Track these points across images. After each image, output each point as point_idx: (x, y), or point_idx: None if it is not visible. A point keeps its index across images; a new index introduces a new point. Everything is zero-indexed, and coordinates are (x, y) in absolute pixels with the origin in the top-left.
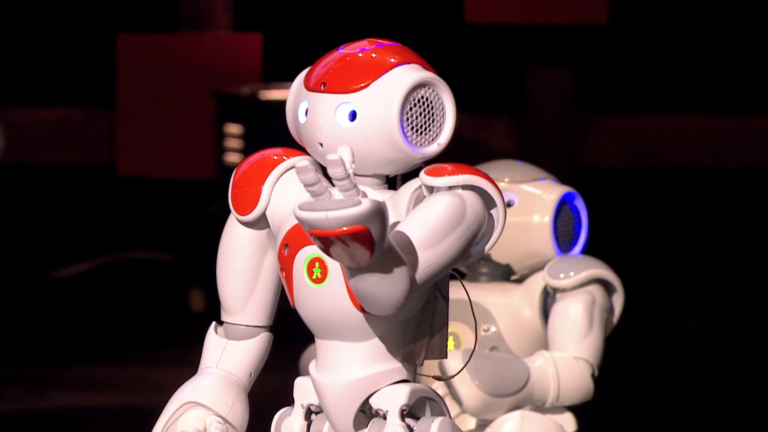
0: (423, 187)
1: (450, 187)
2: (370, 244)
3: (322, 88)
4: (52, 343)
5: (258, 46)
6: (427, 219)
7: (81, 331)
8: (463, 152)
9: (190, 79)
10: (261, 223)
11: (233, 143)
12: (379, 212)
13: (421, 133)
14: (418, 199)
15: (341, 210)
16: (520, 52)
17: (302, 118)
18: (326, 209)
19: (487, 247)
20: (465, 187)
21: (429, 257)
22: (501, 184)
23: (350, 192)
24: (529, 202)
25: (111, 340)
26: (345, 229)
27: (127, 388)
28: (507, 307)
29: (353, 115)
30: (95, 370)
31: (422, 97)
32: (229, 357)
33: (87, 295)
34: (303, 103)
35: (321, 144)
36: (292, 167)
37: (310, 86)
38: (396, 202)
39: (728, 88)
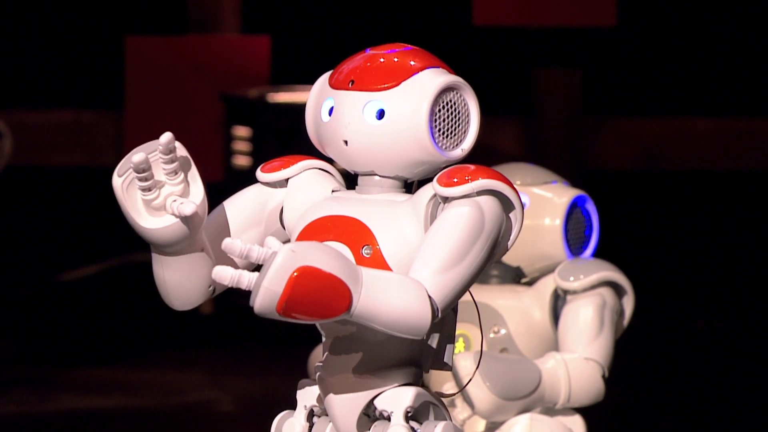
0: (438, 196)
1: (465, 195)
2: (323, 278)
3: (350, 85)
4: (60, 345)
5: (266, 49)
6: (447, 238)
7: (89, 333)
8: (470, 154)
9: (198, 82)
10: (278, 190)
11: (241, 146)
12: (305, 248)
13: (447, 136)
14: (435, 206)
15: (269, 270)
16: (528, 54)
17: (326, 117)
18: (261, 281)
19: (509, 244)
20: (480, 192)
21: (455, 276)
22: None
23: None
24: (540, 205)
25: (119, 343)
26: (294, 274)
27: (135, 390)
28: (517, 310)
29: (381, 114)
30: (103, 372)
31: (450, 101)
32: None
33: (95, 298)
34: (327, 101)
35: (346, 141)
36: (317, 167)
37: (336, 84)
38: (414, 205)
39: (736, 91)
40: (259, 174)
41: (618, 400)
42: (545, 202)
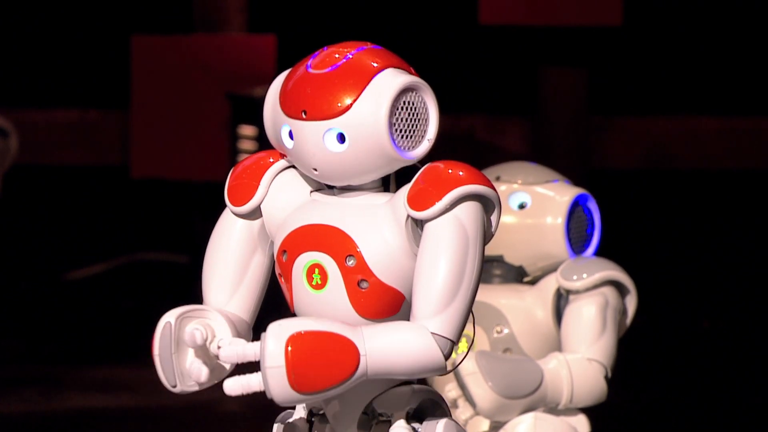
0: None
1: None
2: (320, 336)
3: (304, 116)
4: (66, 344)
5: (272, 48)
6: (439, 270)
7: (95, 332)
8: (476, 154)
9: (203, 81)
10: (255, 216)
11: (247, 145)
12: (291, 320)
13: (409, 136)
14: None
15: (265, 350)
16: (534, 53)
17: (288, 143)
18: (263, 366)
19: (494, 231)
20: (453, 202)
21: (459, 303)
22: (514, 186)
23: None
24: (542, 204)
25: (125, 342)
26: (288, 343)
27: (141, 389)
28: (520, 309)
29: (342, 137)
30: (109, 371)
31: (405, 102)
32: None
33: (101, 297)
34: (285, 127)
35: (315, 169)
36: (289, 167)
37: (288, 112)
38: (393, 207)
39: (743, 90)
40: (233, 208)
41: (622, 400)
42: (547, 200)
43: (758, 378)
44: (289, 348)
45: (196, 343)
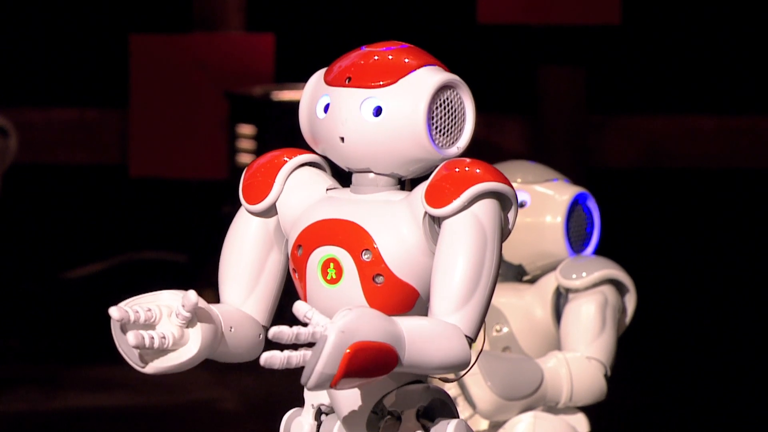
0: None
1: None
2: (374, 349)
3: (347, 82)
4: (64, 343)
5: (270, 47)
6: (458, 267)
7: (94, 331)
8: (475, 153)
9: (202, 80)
10: (271, 215)
11: (245, 144)
12: (353, 323)
13: (443, 134)
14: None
15: (323, 355)
16: (532, 52)
17: (321, 114)
18: (314, 365)
19: (511, 227)
20: (471, 200)
21: (478, 300)
22: (513, 185)
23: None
24: (542, 203)
25: None
26: (347, 353)
27: (139, 388)
28: (519, 308)
29: (378, 111)
30: (108, 370)
31: (446, 99)
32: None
33: (99, 296)
34: (323, 98)
35: (342, 138)
36: (305, 163)
37: (332, 81)
38: (410, 205)
39: (741, 89)
40: (248, 207)
41: (621, 399)
42: (546, 199)
43: (758, 378)
44: (347, 362)
45: (115, 320)
